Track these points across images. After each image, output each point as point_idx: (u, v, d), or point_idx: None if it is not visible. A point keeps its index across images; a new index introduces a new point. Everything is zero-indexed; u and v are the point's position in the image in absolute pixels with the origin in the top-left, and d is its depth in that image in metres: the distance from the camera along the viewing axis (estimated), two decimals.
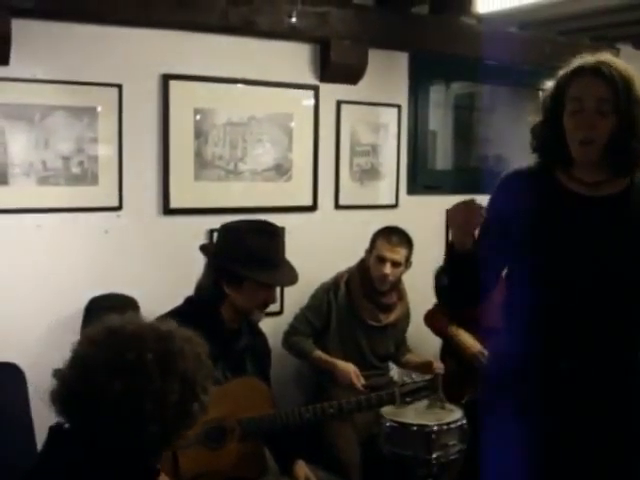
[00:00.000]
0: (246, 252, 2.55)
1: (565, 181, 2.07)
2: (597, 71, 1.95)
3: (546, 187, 2.09)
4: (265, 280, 2.59)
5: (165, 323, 1.63)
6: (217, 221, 3.50)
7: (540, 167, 2.13)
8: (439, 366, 3.56)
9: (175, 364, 1.50)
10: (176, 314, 2.55)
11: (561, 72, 2.06)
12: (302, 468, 2.72)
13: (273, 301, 2.70)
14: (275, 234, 2.67)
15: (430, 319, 3.90)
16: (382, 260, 3.50)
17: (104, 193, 3.41)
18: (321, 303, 3.60)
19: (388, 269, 3.49)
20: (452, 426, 3.25)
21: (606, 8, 3.76)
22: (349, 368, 3.36)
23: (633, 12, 3.84)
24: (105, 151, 3.40)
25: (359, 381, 3.32)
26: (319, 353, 3.48)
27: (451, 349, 3.75)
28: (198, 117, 3.59)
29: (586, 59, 2.00)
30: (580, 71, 1.99)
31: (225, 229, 2.73)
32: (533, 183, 2.11)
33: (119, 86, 3.39)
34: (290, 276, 2.69)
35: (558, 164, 2.08)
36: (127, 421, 1.46)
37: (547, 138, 2.07)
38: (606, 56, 2.00)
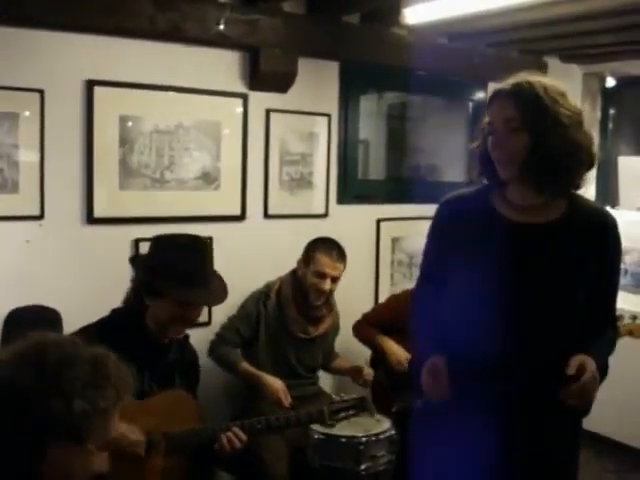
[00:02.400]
0: (167, 266, 2.57)
1: (498, 205, 2.15)
2: (508, 93, 2.04)
3: (481, 211, 2.17)
4: (180, 297, 2.58)
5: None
6: (143, 231, 3.56)
7: (478, 190, 2.23)
8: (369, 372, 3.67)
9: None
10: (101, 325, 2.59)
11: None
12: None
13: (193, 318, 2.66)
14: (199, 250, 2.69)
15: (358, 330, 4.00)
16: (322, 276, 3.57)
17: (25, 201, 3.40)
18: (251, 312, 3.64)
19: (328, 285, 3.58)
20: (381, 437, 3.32)
21: (534, 22, 3.89)
22: (277, 385, 3.40)
23: (560, 26, 4.00)
24: (26, 158, 3.39)
25: (286, 398, 3.37)
26: (246, 366, 3.51)
27: (380, 359, 3.85)
28: (124, 124, 3.60)
29: (508, 81, 2.08)
30: (494, 94, 2.11)
31: (154, 241, 2.74)
32: (470, 206, 2.20)
33: (41, 91, 3.38)
34: (215, 295, 2.70)
35: (494, 187, 2.17)
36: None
37: (480, 162, 2.18)
38: (529, 76, 2.08)
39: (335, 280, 3.62)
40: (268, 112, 4.05)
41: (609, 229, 2.14)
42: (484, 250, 2.11)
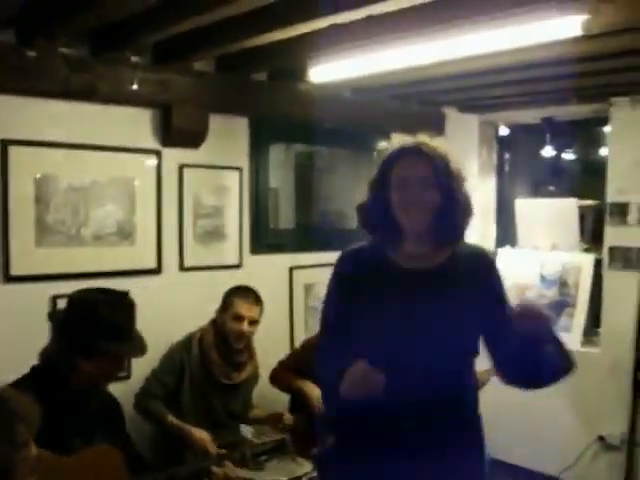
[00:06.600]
0: (101, 325, 2.71)
1: (393, 255, 2.36)
2: (418, 151, 2.26)
3: (377, 262, 2.36)
4: (119, 352, 2.77)
5: None
6: (61, 287, 3.68)
7: (374, 244, 2.41)
8: (288, 417, 3.93)
9: None
10: (20, 384, 2.65)
11: (383, 155, 2.36)
12: None
13: (123, 371, 2.86)
14: (128, 307, 2.86)
15: (275, 377, 4.20)
16: (240, 318, 3.84)
17: None
18: (175, 362, 3.85)
19: (246, 326, 3.84)
20: (303, 479, 3.51)
21: (432, 77, 4.25)
22: (202, 436, 3.60)
23: (456, 81, 4.38)
24: None
25: (214, 449, 3.54)
26: (172, 419, 3.70)
27: (299, 403, 4.05)
28: (39, 183, 3.75)
29: (406, 141, 2.34)
30: (402, 152, 2.30)
31: (77, 301, 2.84)
32: (366, 259, 2.39)
33: None
34: (142, 346, 2.87)
35: (388, 240, 2.36)
36: None
37: (376, 216, 2.34)
38: (423, 137, 2.34)
39: (253, 323, 3.89)
40: (181, 167, 4.29)
41: (490, 265, 2.40)
42: (383, 297, 2.30)
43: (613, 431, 4.62)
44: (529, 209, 5.40)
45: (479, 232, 5.36)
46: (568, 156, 5.90)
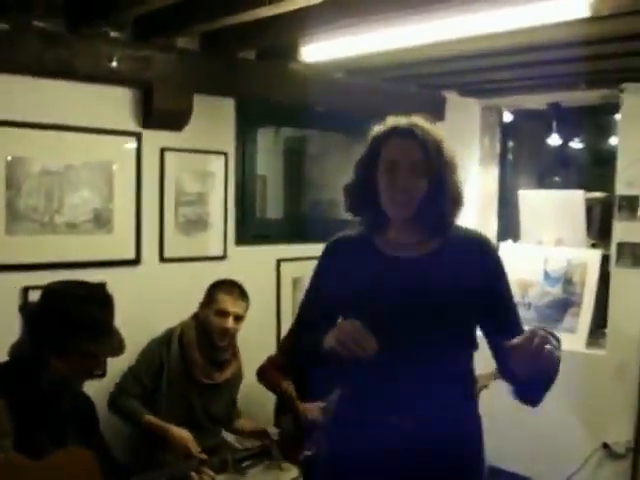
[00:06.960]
0: (75, 320, 2.64)
1: (380, 243, 2.34)
2: (410, 133, 2.22)
3: (365, 251, 2.35)
4: (93, 350, 2.69)
5: None
6: (33, 278, 3.61)
7: (362, 231, 2.39)
8: (273, 432, 3.83)
9: None
10: None
11: (374, 133, 2.33)
12: None
13: (99, 369, 2.82)
14: (105, 301, 2.78)
15: (263, 374, 4.15)
16: (224, 314, 3.77)
17: None
18: (153, 359, 3.77)
19: (230, 323, 3.77)
20: None
21: (431, 58, 4.19)
22: (184, 435, 3.53)
23: (457, 62, 4.31)
24: None
25: (196, 448, 3.47)
26: (150, 418, 3.62)
27: (285, 405, 4.01)
28: (10, 166, 3.65)
29: (399, 121, 2.28)
30: (393, 133, 2.26)
31: (50, 293, 2.78)
32: (354, 247, 2.38)
33: None
34: (119, 344, 2.79)
35: (375, 225, 2.35)
36: None
37: (361, 198, 2.33)
38: (418, 119, 2.28)
39: (238, 319, 3.82)
40: (163, 151, 4.19)
41: (489, 255, 2.34)
42: (370, 286, 2.28)
43: (618, 438, 4.54)
44: (533, 201, 5.32)
45: (479, 224, 5.31)
46: (575, 145, 5.81)
